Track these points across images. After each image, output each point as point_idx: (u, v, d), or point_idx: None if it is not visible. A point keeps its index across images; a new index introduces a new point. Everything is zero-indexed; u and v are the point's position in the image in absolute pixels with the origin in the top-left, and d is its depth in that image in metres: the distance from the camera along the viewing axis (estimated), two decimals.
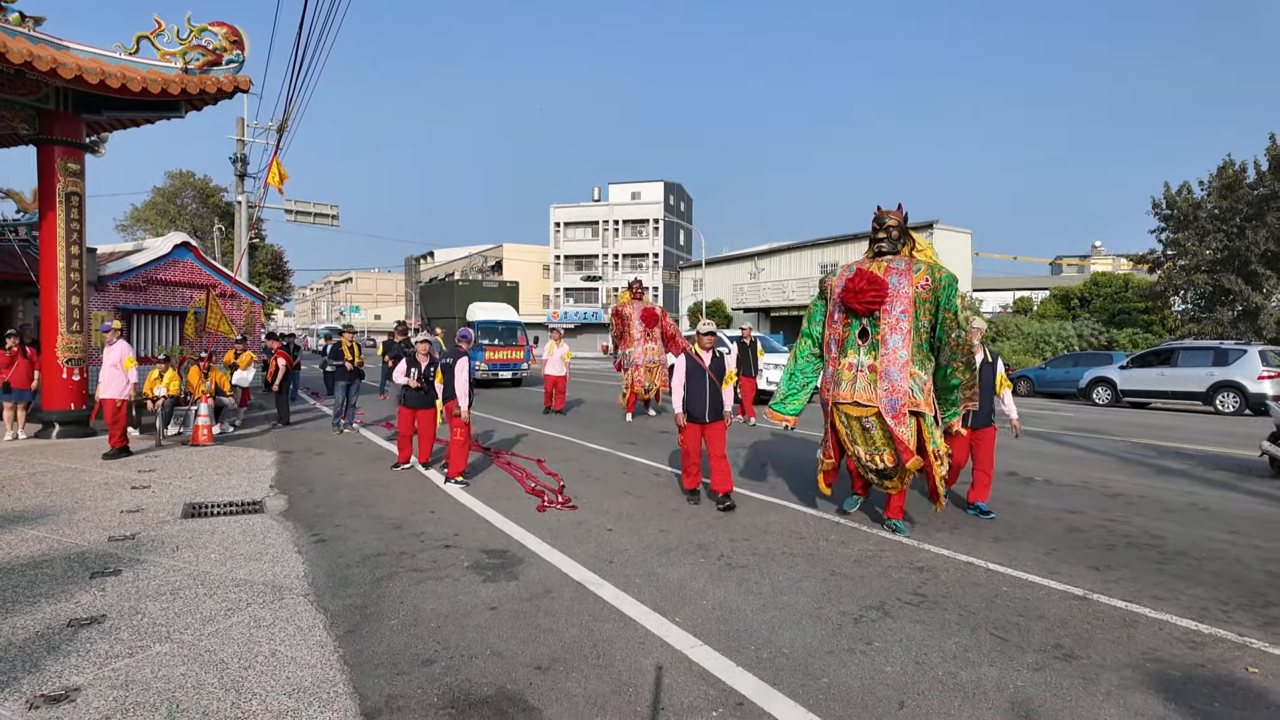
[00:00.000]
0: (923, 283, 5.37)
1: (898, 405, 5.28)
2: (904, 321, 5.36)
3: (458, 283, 24.32)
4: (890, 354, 5.36)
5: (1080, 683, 3.29)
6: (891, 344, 5.37)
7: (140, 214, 43.37)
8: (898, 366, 5.33)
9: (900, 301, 5.36)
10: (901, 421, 5.26)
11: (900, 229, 5.64)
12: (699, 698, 3.16)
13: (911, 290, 5.36)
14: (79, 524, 5.80)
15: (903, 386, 5.30)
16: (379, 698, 3.16)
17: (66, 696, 3.10)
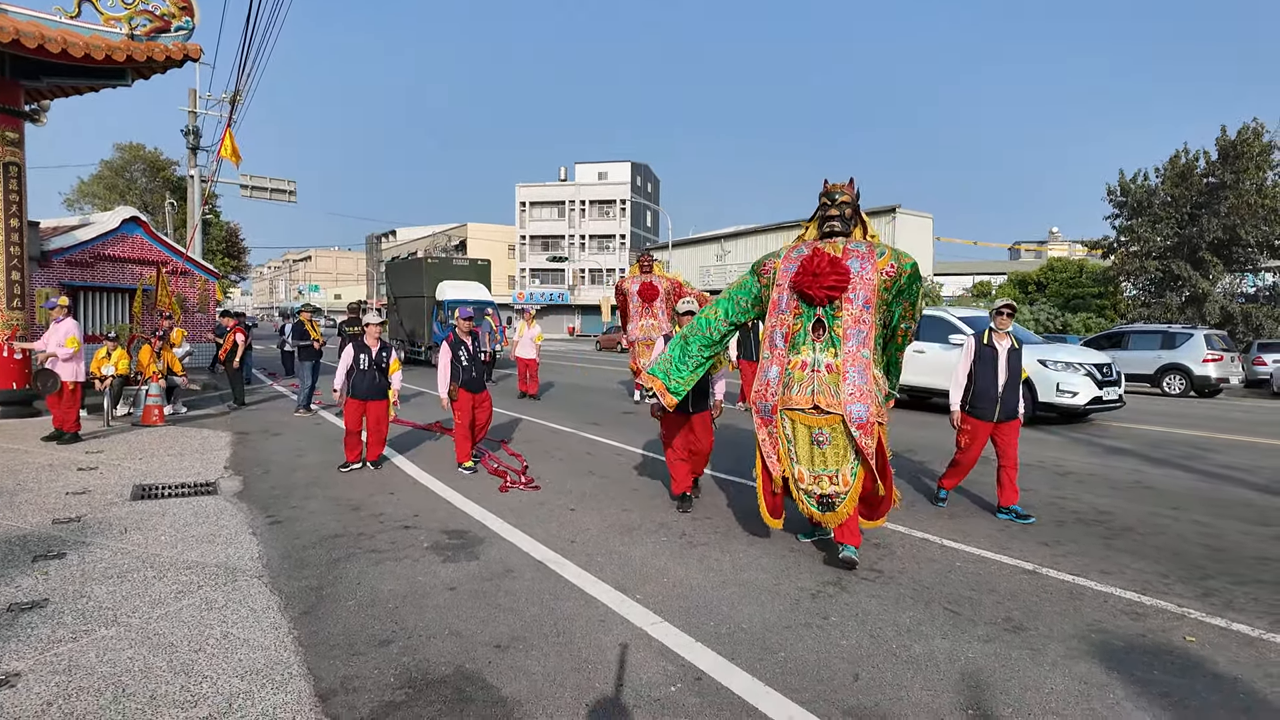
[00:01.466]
0: (888, 269, 4.54)
1: (866, 414, 4.39)
2: (867, 314, 4.52)
3: (427, 260, 23.12)
4: (852, 352, 4.48)
5: (1028, 653, 3.38)
6: (855, 340, 4.50)
7: (87, 188, 41.73)
8: (860, 367, 4.46)
9: (864, 290, 4.51)
10: (868, 434, 4.38)
11: (853, 207, 4.78)
12: (658, 673, 3.18)
13: (876, 277, 4.52)
14: (20, 506, 5.60)
15: (870, 391, 4.44)
16: (334, 679, 3.12)
17: (6, 682, 3.00)
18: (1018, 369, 5.62)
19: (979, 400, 5.64)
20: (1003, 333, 5.66)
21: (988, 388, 5.60)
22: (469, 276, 22.89)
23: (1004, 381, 5.55)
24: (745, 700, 2.96)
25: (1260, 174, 22.59)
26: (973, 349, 5.72)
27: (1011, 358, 5.61)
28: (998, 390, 5.56)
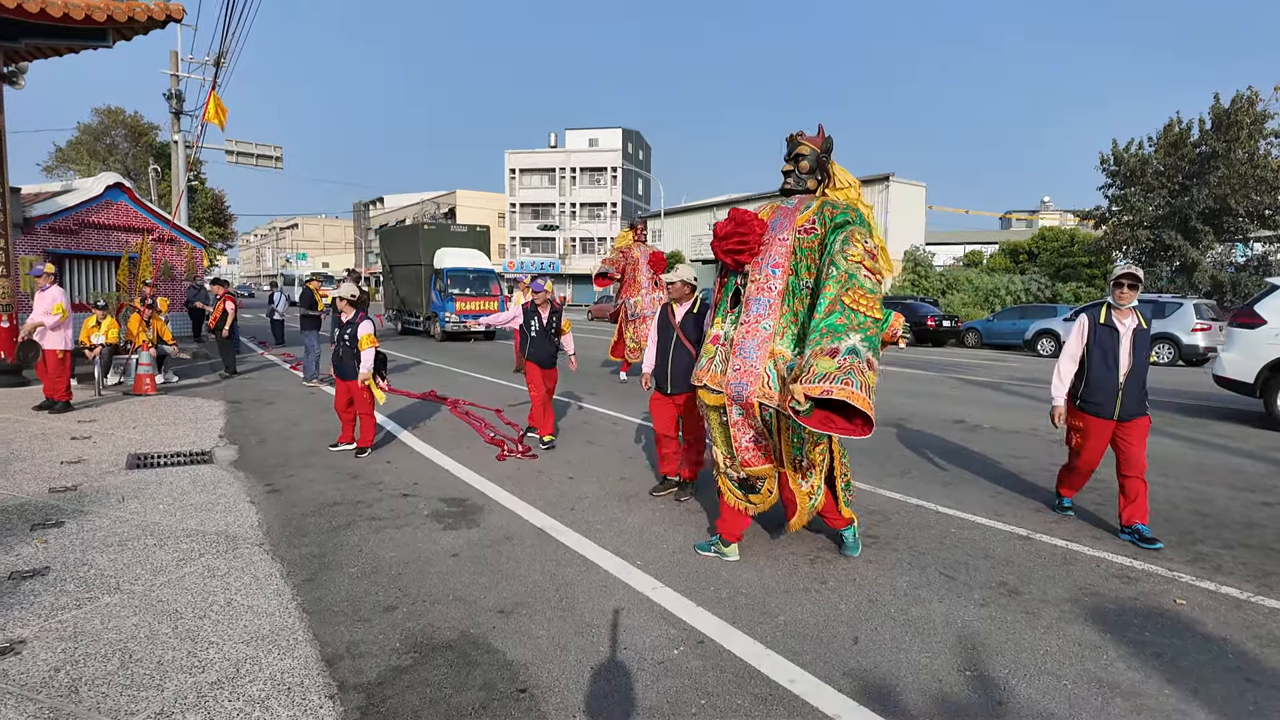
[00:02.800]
0: (806, 225, 3.86)
1: (744, 393, 3.82)
2: (775, 280, 3.89)
3: (424, 226, 22.32)
4: (750, 323, 3.90)
5: (1023, 617, 3.45)
6: (755, 310, 3.90)
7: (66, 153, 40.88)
8: (756, 342, 3.85)
9: (775, 252, 3.91)
10: (751, 415, 3.86)
11: (815, 160, 4.11)
12: (660, 637, 3.22)
13: (791, 236, 3.88)
14: (15, 475, 5.57)
15: (756, 369, 3.80)
16: (340, 644, 3.15)
17: (11, 649, 3.01)
18: (1145, 355, 4.52)
19: (1094, 393, 4.54)
20: (1125, 309, 4.54)
21: (1105, 378, 4.49)
22: (467, 243, 22.11)
23: (1127, 370, 4.46)
24: (747, 663, 3.01)
25: (1253, 143, 22.56)
26: (1085, 329, 4.64)
27: (1139, 341, 4.49)
28: (1118, 381, 4.46)
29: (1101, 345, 4.55)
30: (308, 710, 2.65)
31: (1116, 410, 4.49)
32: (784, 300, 3.88)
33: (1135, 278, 4.47)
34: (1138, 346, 4.50)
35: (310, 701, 2.70)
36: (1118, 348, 4.50)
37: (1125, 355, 4.48)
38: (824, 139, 4.17)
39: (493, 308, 19.91)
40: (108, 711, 2.61)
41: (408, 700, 2.73)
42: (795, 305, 3.88)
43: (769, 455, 3.92)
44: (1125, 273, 4.50)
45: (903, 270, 30.07)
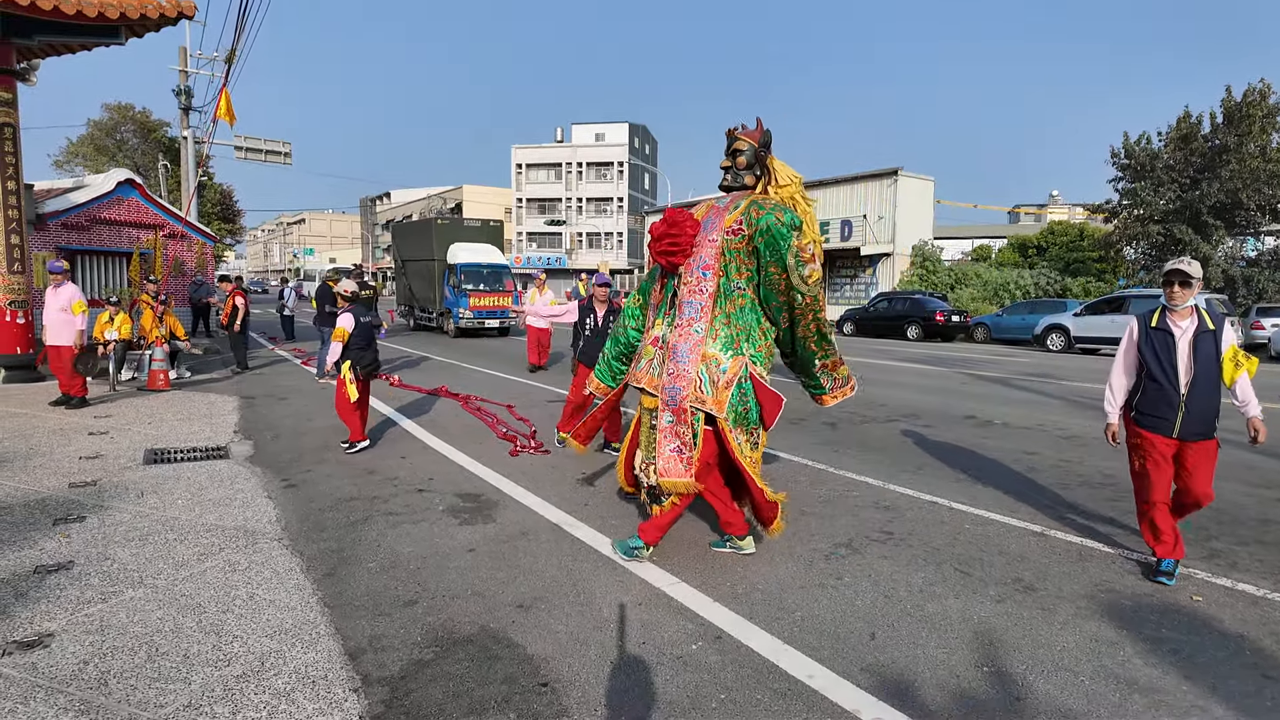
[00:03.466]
0: (733, 226, 3.84)
1: (677, 397, 3.80)
2: (707, 282, 3.87)
3: (436, 221, 21.85)
4: (683, 326, 3.88)
5: (1039, 613, 3.46)
6: (687, 313, 3.89)
7: (76, 149, 41.10)
8: (688, 345, 3.84)
9: (706, 253, 3.88)
10: (682, 420, 3.80)
11: (754, 155, 4.04)
12: (679, 632, 3.25)
13: (719, 237, 3.86)
14: (35, 470, 5.63)
15: (689, 373, 3.78)
16: (362, 638, 3.18)
17: (40, 642, 3.05)
18: (1213, 365, 3.77)
19: (1151, 405, 3.90)
20: (1180, 309, 3.84)
21: (1162, 388, 3.83)
22: (481, 238, 21.79)
23: (1188, 380, 3.78)
24: (765, 658, 3.03)
25: (1265, 136, 22.38)
26: (1135, 334, 4.01)
27: (1201, 346, 3.76)
28: (1178, 391, 3.78)
29: (1155, 351, 3.88)
30: (333, 703, 2.68)
31: (1177, 426, 3.80)
32: (715, 303, 3.87)
33: (1184, 274, 3.79)
34: (1200, 353, 3.76)
35: (335, 694, 2.74)
36: (1173, 354, 3.82)
37: (1184, 362, 3.79)
38: (762, 133, 4.10)
39: (507, 303, 19.80)
40: (137, 704, 2.65)
41: (431, 694, 2.77)
42: (728, 307, 3.88)
43: (689, 469, 3.83)
44: (1173, 269, 3.82)
45: (910, 265, 29.98)
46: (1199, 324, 3.81)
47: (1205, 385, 3.78)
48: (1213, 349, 3.78)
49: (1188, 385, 3.79)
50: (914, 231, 30.24)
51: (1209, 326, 3.81)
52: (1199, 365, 3.77)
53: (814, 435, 7.41)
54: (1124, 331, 4.15)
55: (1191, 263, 3.83)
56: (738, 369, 3.85)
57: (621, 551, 4.08)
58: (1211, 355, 3.77)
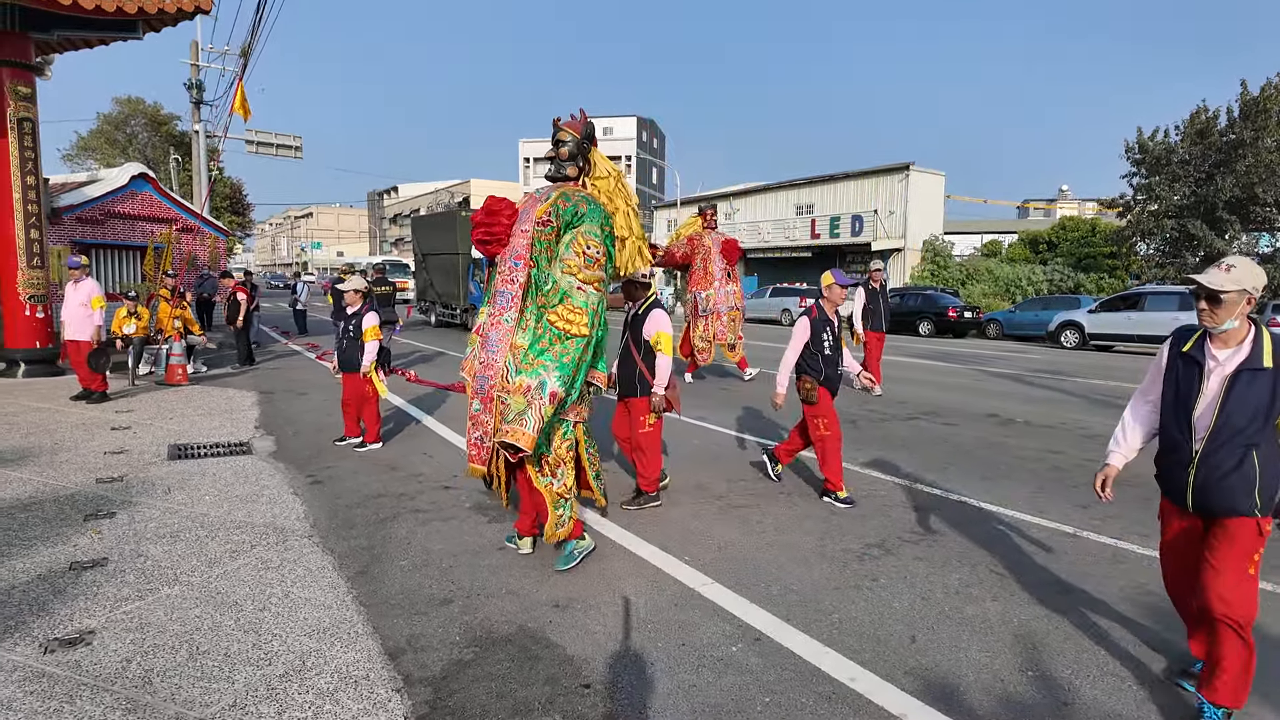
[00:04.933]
0: (543, 218, 3.83)
1: (486, 386, 3.83)
2: (518, 272, 3.86)
3: (461, 213, 20.61)
4: (495, 315, 3.90)
5: (1080, 616, 3.43)
6: (499, 302, 3.89)
7: (87, 142, 41.20)
8: (499, 334, 3.85)
9: (518, 244, 3.87)
10: (488, 410, 3.82)
11: (576, 146, 4.06)
12: (717, 633, 3.24)
13: (531, 228, 3.85)
14: (62, 466, 5.65)
15: (497, 362, 3.79)
16: (400, 638, 3.18)
17: (81, 640, 3.06)
18: (1257, 413, 2.56)
19: (1164, 461, 2.86)
20: (1219, 333, 2.65)
21: (1173, 438, 2.76)
22: None
23: (1209, 428, 2.62)
24: (806, 660, 3.02)
25: None
26: (1163, 364, 2.87)
27: (1239, 387, 2.58)
28: (1190, 447, 2.67)
29: (1176, 385, 2.76)
30: (377, 703, 2.68)
31: (1189, 494, 2.70)
32: (526, 293, 3.87)
33: (1211, 290, 2.58)
34: (1235, 396, 2.57)
35: (378, 695, 2.73)
36: (1194, 392, 2.68)
37: (1206, 405, 2.64)
38: (585, 124, 4.13)
39: None
40: (182, 703, 2.65)
41: (474, 694, 2.76)
42: (539, 298, 3.86)
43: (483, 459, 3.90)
44: (1199, 284, 2.62)
45: (921, 260, 29.84)
46: (1249, 357, 2.58)
47: (1237, 439, 2.57)
48: (1265, 396, 2.55)
49: (1205, 439, 2.62)
50: (925, 227, 30.08)
51: (1263, 364, 2.56)
52: (1229, 411, 2.58)
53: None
54: (1139, 328, 3.75)
55: (1229, 266, 2.58)
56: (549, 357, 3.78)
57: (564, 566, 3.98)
58: (1258, 404, 2.55)
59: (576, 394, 3.91)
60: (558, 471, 3.90)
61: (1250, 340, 2.61)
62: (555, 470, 3.90)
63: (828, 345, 5.10)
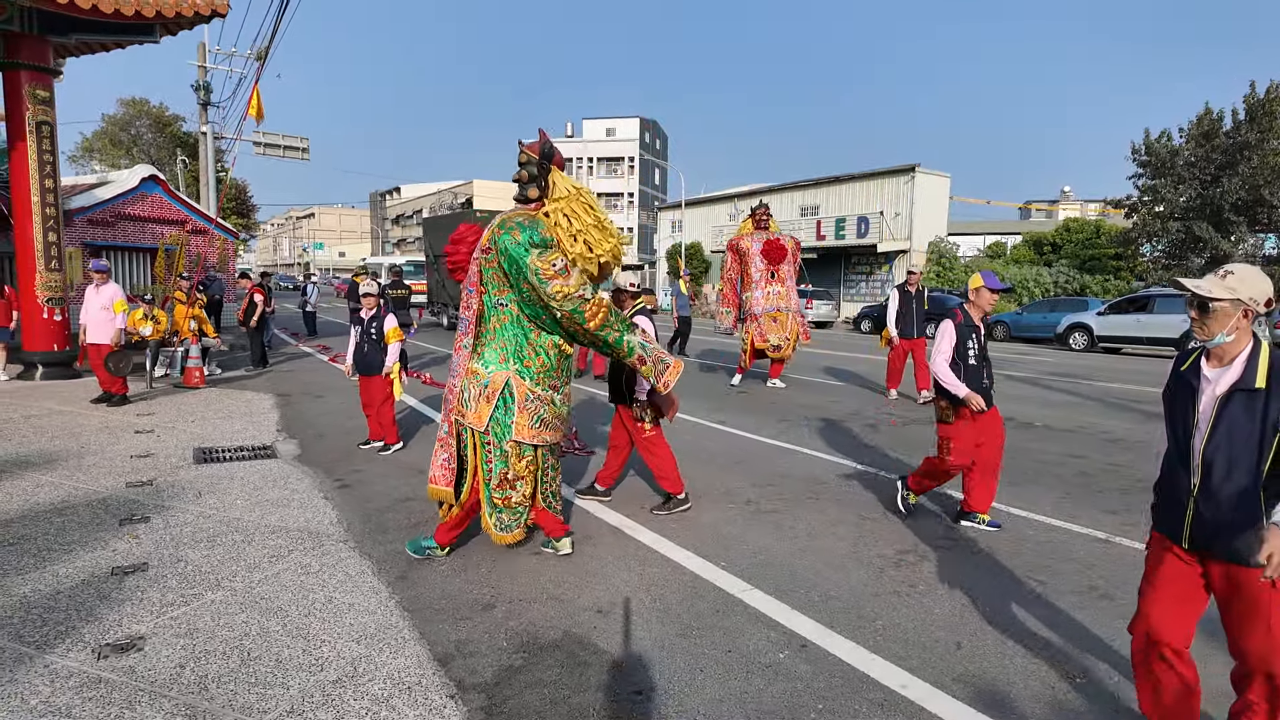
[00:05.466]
0: (485, 245, 3.93)
1: (448, 410, 4.06)
2: (473, 298, 4.00)
3: (475, 213, 20.19)
4: (458, 340, 4.09)
5: (1123, 622, 3.39)
6: (460, 327, 4.10)
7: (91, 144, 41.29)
8: (459, 360, 4.05)
9: (473, 272, 4.01)
10: (451, 433, 4.03)
11: (536, 168, 4.04)
12: (763, 640, 3.25)
13: (479, 255, 3.98)
14: (90, 469, 5.67)
15: (456, 387, 4.00)
16: (448, 643, 3.20)
17: (133, 645, 3.08)
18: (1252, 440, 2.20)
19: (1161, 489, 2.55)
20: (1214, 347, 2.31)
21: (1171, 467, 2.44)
22: None
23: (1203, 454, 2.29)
24: (855, 667, 3.03)
25: None
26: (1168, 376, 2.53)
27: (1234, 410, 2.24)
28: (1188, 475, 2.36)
29: (1172, 406, 2.45)
30: (432, 710, 2.69)
31: (1185, 530, 2.35)
32: (480, 319, 3.97)
33: (1203, 301, 2.27)
34: (1226, 419, 2.24)
35: (433, 701, 2.75)
36: (1190, 414, 2.35)
37: (1202, 430, 2.30)
38: (542, 144, 4.08)
39: None
40: (241, 709, 2.67)
41: (528, 700, 2.78)
42: (493, 323, 3.95)
43: (450, 481, 4.04)
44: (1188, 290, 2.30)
45: (926, 262, 29.85)
46: (1241, 376, 2.24)
47: (1234, 474, 2.23)
48: (1256, 421, 2.19)
49: (1202, 464, 2.28)
50: (930, 228, 30.10)
51: (1255, 383, 2.20)
52: (1220, 440, 2.24)
53: (855, 438, 7.40)
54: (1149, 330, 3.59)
55: (1225, 273, 2.28)
56: (500, 383, 3.89)
57: (412, 550, 4.17)
58: (1251, 431, 2.20)
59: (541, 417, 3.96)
60: (516, 484, 4.00)
61: (1246, 356, 2.26)
62: (514, 484, 3.99)
63: (973, 355, 4.68)
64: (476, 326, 3.98)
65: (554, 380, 4.07)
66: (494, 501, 4.00)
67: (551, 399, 4.04)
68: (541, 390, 3.98)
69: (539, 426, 3.96)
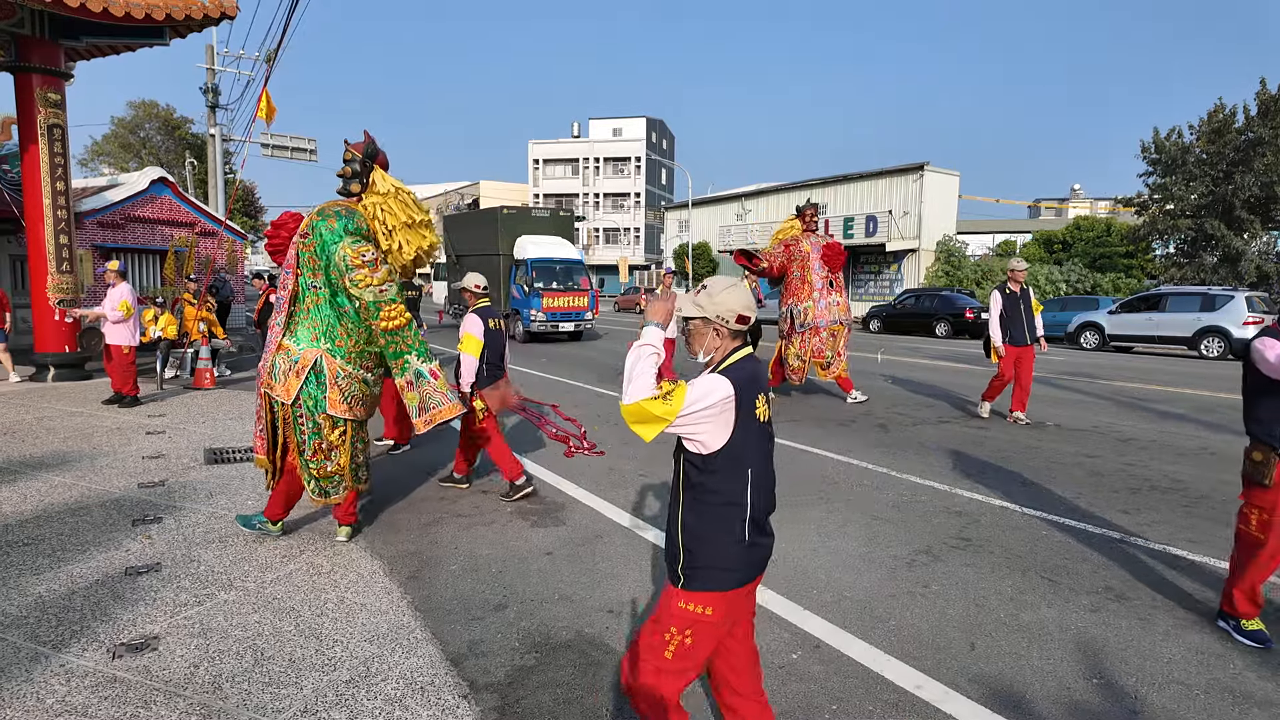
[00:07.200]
0: (303, 231, 4.21)
1: (258, 383, 4.33)
2: (289, 280, 4.24)
3: (502, 211, 19.26)
4: (273, 319, 4.32)
5: (1138, 623, 3.42)
6: (276, 307, 4.34)
7: (101, 147, 41.58)
8: (272, 336, 4.27)
9: (290, 255, 4.27)
10: (263, 404, 4.27)
11: (359, 165, 4.37)
12: (776, 641, 3.24)
13: (298, 239, 4.24)
14: (103, 470, 5.70)
15: (268, 361, 4.23)
16: (460, 643, 3.20)
17: (148, 645, 3.09)
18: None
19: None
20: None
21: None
22: (551, 230, 19.32)
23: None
24: (869, 668, 3.01)
25: None
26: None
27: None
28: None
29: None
30: (445, 710, 2.69)
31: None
32: (294, 299, 4.24)
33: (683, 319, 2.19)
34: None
35: (446, 701, 2.75)
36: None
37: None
38: (366, 144, 4.41)
39: (583, 303, 17.92)
40: (255, 708, 2.67)
41: (541, 700, 2.77)
42: (306, 304, 4.22)
43: (263, 450, 4.33)
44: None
45: (935, 260, 29.73)
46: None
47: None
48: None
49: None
50: (939, 227, 29.98)
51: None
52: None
53: (866, 437, 7.37)
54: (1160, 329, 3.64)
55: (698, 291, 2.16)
56: (309, 360, 4.13)
57: (242, 524, 4.40)
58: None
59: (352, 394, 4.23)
60: (331, 454, 4.21)
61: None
62: (329, 454, 4.20)
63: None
64: (290, 306, 4.24)
65: (366, 362, 4.32)
66: (311, 471, 4.21)
67: (364, 378, 4.31)
68: (353, 369, 4.24)
69: (350, 402, 4.21)
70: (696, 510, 2.08)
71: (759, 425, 2.08)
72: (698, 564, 2.06)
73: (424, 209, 4.66)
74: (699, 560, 2.06)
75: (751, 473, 2.07)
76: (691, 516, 2.08)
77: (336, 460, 4.23)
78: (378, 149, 4.41)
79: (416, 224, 4.55)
